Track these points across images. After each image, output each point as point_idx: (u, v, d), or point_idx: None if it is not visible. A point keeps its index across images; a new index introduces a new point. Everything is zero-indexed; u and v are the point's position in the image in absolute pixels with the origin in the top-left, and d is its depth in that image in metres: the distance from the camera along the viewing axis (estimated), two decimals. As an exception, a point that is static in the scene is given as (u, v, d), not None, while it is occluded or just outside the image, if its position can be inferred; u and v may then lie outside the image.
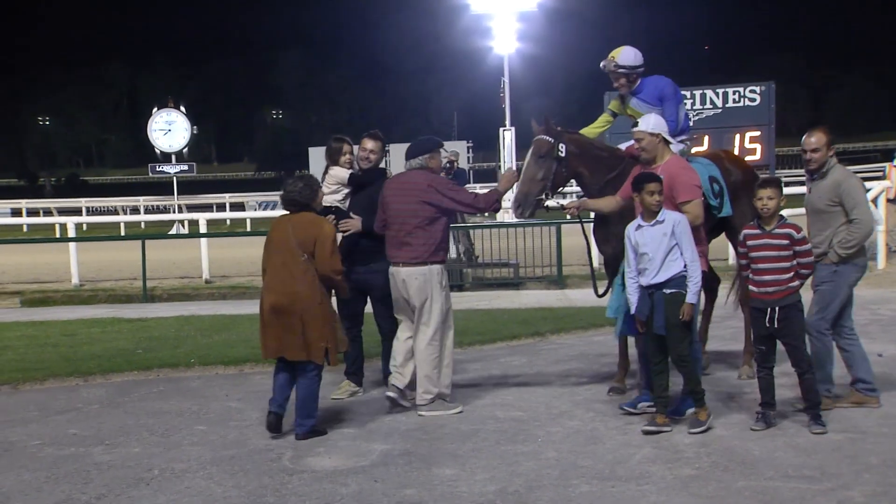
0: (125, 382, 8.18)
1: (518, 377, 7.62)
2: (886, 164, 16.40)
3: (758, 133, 12.12)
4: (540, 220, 15.81)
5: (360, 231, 7.00)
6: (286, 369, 6.18)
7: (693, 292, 5.89)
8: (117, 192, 47.98)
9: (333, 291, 6.37)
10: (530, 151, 6.88)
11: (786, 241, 5.84)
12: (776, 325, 5.84)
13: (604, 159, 6.99)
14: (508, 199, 9.56)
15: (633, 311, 6.05)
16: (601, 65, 7.23)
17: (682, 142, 7.09)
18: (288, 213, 6.22)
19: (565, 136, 6.91)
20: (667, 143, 6.39)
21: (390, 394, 6.73)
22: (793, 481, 4.95)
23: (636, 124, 6.49)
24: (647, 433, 5.86)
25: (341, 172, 7.16)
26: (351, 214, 7.10)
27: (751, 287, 6.00)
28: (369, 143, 7.16)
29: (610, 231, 6.92)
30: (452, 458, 5.59)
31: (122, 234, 24.09)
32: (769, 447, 5.52)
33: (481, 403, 6.88)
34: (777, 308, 5.83)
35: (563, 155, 6.81)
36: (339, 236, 6.74)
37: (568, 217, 6.94)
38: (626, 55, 7.16)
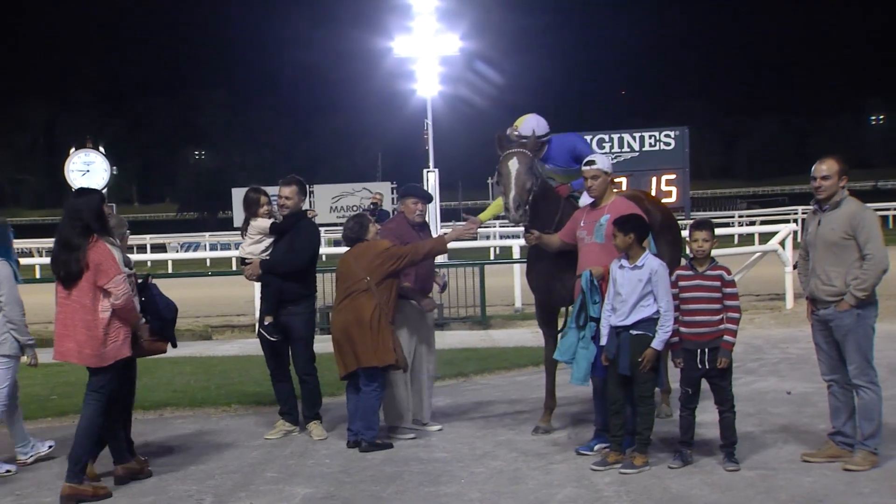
0: (39, 430, 7.94)
1: (442, 418, 7.65)
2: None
3: (673, 176, 12.47)
4: (463, 261, 15.97)
5: (276, 273, 7.17)
6: (355, 393, 6.91)
7: (661, 339, 5.93)
8: (33, 234, 46.42)
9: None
10: (515, 162, 6.70)
11: (717, 283, 5.94)
12: (706, 366, 5.94)
13: (551, 192, 7.00)
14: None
15: (603, 341, 6.08)
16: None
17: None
18: (349, 248, 7.09)
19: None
20: (612, 183, 6.53)
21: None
22: (708, 516, 5.08)
23: (592, 162, 6.43)
24: (596, 471, 5.94)
25: (263, 223, 7.28)
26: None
27: (681, 329, 6.01)
28: (285, 191, 7.31)
29: (541, 268, 6.99)
30: (376, 500, 5.58)
31: (38, 276, 23.38)
32: (686, 484, 5.65)
33: (405, 444, 6.90)
34: (707, 350, 5.93)
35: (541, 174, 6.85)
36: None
37: (526, 242, 6.94)
38: (527, 125, 7.12)
